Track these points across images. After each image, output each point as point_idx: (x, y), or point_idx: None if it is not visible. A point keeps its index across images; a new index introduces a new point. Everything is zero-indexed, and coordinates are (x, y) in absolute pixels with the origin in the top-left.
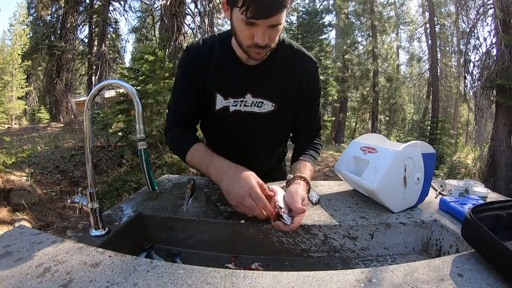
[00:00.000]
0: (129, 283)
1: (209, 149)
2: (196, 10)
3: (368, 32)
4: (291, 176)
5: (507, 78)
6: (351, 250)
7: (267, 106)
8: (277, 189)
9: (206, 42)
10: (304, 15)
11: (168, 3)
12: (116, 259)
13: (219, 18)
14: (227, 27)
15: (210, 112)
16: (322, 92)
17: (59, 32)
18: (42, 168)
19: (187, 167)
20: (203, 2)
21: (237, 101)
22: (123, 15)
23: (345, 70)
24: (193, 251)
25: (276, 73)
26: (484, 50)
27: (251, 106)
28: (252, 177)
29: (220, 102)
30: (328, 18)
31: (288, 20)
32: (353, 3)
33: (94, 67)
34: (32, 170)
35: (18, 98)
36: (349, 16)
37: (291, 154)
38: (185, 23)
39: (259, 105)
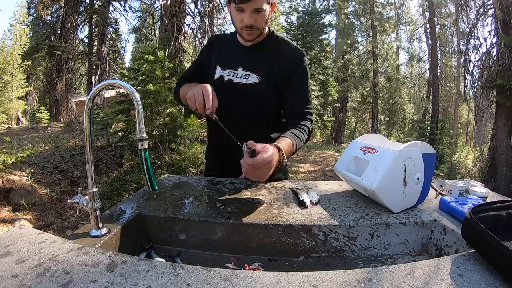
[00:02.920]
0: (129, 283)
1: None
2: (196, 10)
3: (368, 32)
4: None
5: (507, 78)
6: (351, 250)
7: (253, 78)
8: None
9: (226, 33)
10: (304, 15)
11: (168, 3)
12: (116, 259)
13: (219, 18)
14: (227, 27)
15: (210, 81)
16: (320, 89)
17: (59, 32)
18: (42, 168)
19: (187, 167)
20: (203, 2)
21: (231, 72)
22: (123, 15)
23: (345, 70)
24: (193, 251)
25: (265, 54)
26: (484, 50)
27: (240, 78)
28: (209, 86)
29: (219, 72)
30: (328, 18)
31: (288, 20)
32: (353, 3)
33: (94, 67)
34: (32, 170)
35: (18, 98)
36: (349, 16)
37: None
38: (185, 23)
39: (246, 77)
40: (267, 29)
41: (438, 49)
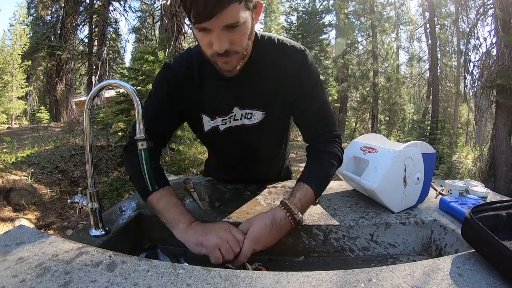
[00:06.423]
0: (129, 283)
1: (173, 198)
2: None
3: (368, 32)
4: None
5: (507, 78)
6: (351, 250)
7: (257, 116)
8: None
9: (183, 59)
10: (304, 15)
11: (168, 3)
12: (116, 259)
13: None
14: None
15: (199, 133)
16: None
17: (59, 32)
18: (42, 168)
19: (187, 167)
20: None
21: (226, 119)
22: (123, 15)
23: (345, 70)
24: None
25: (260, 77)
26: (484, 50)
27: (240, 119)
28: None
29: (208, 123)
30: (328, 18)
31: (288, 20)
32: (353, 3)
33: (94, 67)
34: (32, 170)
35: (18, 98)
36: (349, 16)
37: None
38: (185, 23)
39: (249, 117)
40: (250, 44)
41: (438, 49)
